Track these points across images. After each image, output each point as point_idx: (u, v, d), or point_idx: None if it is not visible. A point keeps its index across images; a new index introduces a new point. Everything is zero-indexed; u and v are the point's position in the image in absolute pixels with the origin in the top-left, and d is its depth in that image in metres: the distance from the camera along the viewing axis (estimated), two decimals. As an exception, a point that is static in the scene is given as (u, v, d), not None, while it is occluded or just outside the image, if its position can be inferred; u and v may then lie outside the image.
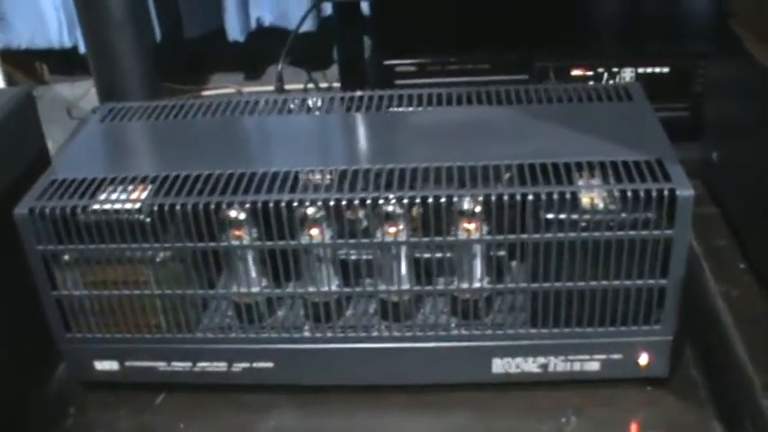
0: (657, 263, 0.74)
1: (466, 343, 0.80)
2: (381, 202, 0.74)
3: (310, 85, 1.62)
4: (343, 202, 0.74)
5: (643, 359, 0.79)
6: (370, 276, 0.81)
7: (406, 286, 0.79)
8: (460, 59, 1.20)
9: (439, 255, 0.80)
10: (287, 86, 1.54)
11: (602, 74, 1.19)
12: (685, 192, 0.70)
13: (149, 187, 0.78)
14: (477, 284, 0.78)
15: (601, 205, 0.72)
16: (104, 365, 0.86)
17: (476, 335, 0.79)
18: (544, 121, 0.83)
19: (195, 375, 0.84)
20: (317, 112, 0.91)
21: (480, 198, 0.73)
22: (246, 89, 1.74)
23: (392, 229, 0.77)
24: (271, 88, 1.52)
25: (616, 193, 0.72)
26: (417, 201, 0.73)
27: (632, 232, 0.72)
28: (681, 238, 0.72)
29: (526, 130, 0.82)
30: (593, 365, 0.79)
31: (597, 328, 0.77)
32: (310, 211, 0.76)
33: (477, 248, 0.78)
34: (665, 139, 0.78)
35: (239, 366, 0.84)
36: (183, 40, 1.74)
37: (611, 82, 1.15)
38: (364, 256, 0.82)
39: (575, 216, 0.72)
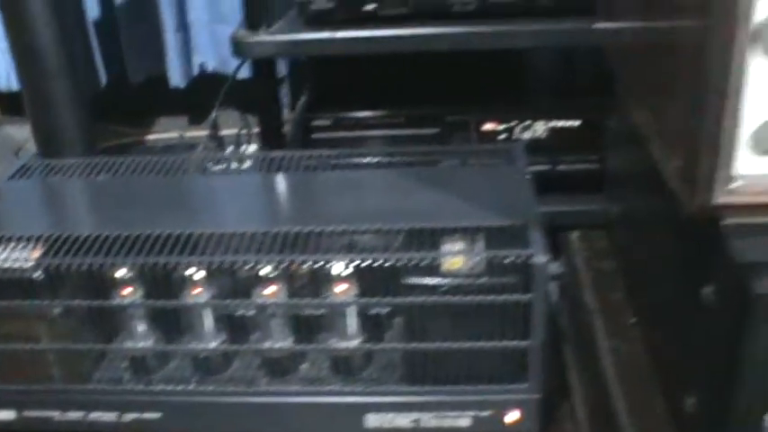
0: (519, 325, 0.77)
1: (342, 398, 0.83)
2: (259, 266, 0.77)
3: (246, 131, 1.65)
4: (224, 265, 0.77)
5: (512, 416, 0.82)
6: (254, 332, 0.84)
7: (283, 343, 0.82)
8: (375, 114, 1.23)
9: (319, 312, 0.83)
10: (224, 132, 1.57)
11: (513, 127, 1.22)
12: (541, 259, 0.74)
13: (42, 247, 0.81)
14: (350, 343, 0.81)
15: (463, 270, 0.75)
16: (1, 415, 0.88)
17: (351, 390, 0.82)
18: (422, 183, 0.87)
19: (88, 425, 0.87)
20: (225, 172, 0.94)
21: (349, 263, 0.76)
22: (188, 134, 1.77)
23: (270, 290, 0.80)
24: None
25: (477, 259, 0.75)
26: (290, 264, 0.77)
27: (492, 296, 0.75)
28: (538, 302, 0.75)
29: (403, 193, 0.86)
30: (464, 422, 0.83)
31: (467, 386, 0.80)
32: (190, 272, 0.79)
33: (353, 308, 0.81)
34: (533, 204, 0.82)
35: (129, 417, 0.87)
36: (127, 85, 1.77)
37: (520, 134, 1.19)
38: (249, 313, 0.85)
39: (437, 281, 0.75)
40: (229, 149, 1.59)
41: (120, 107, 1.80)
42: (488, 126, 1.23)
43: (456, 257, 0.76)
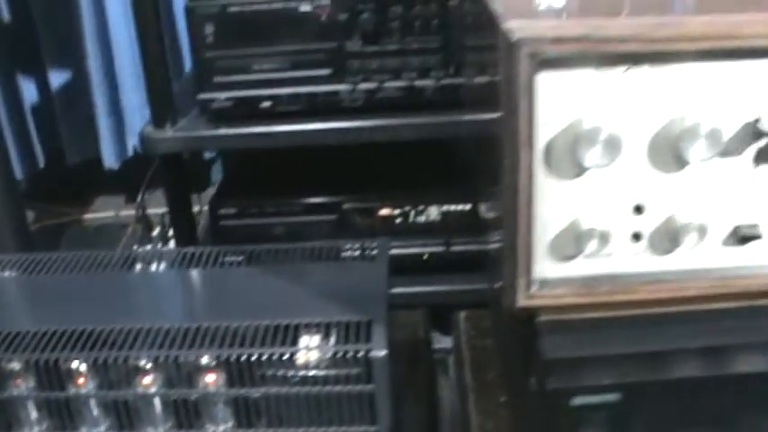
0: (366, 411, 0.85)
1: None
2: (132, 360, 0.86)
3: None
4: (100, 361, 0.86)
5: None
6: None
7: (160, 429, 0.90)
8: (276, 202, 1.32)
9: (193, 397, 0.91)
10: (155, 210, 1.66)
11: (409, 212, 1.31)
12: (380, 353, 0.82)
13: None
14: (218, 428, 0.89)
15: (315, 363, 0.83)
16: None
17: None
18: (288, 280, 0.95)
19: None
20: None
21: (215, 355, 0.85)
22: (123, 212, 1.86)
23: (146, 380, 0.88)
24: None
25: (328, 354, 0.83)
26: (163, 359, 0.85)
27: (339, 387, 0.83)
28: (380, 391, 0.83)
29: (268, 290, 0.94)
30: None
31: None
32: (75, 364, 0.88)
33: (221, 396, 0.89)
34: (383, 300, 0.90)
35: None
36: (65, 166, 1.86)
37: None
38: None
39: (290, 373, 0.83)
40: (156, 230, 1.69)
41: (58, 187, 1.87)
42: (384, 211, 1.32)
43: (309, 351, 0.84)
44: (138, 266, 1.02)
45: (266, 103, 1.22)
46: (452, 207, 1.30)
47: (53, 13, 1.76)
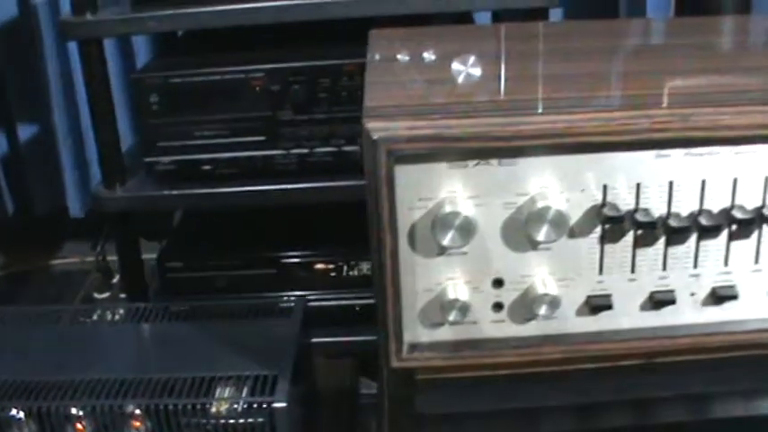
0: None
1: None
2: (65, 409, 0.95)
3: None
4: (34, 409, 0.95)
5: None
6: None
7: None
8: (220, 257, 1.42)
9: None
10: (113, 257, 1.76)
11: (342, 266, 1.41)
12: (281, 405, 0.91)
13: None
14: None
15: (226, 412, 0.93)
16: None
17: None
18: (212, 336, 1.05)
19: None
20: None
21: (138, 404, 0.94)
22: (89, 258, 1.96)
23: (79, 426, 0.97)
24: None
25: (236, 405, 0.93)
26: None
27: None
28: None
29: (193, 346, 1.04)
30: None
31: None
32: (13, 411, 0.97)
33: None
34: (291, 356, 1.00)
35: None
36: (33, 215, 1.96)
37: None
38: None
39: (204, 421, 0.93)
40: (116, 278, 1.78)
41: (26, 234, 1.97)
42: (320, 266, 1.42)
43: (221, 402, 0.93)
44: (89, 320, 1.12)
45: (207, 166, 1.31)
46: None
47: (22, 71, 1.86)
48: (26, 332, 1.10)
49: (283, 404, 0.91)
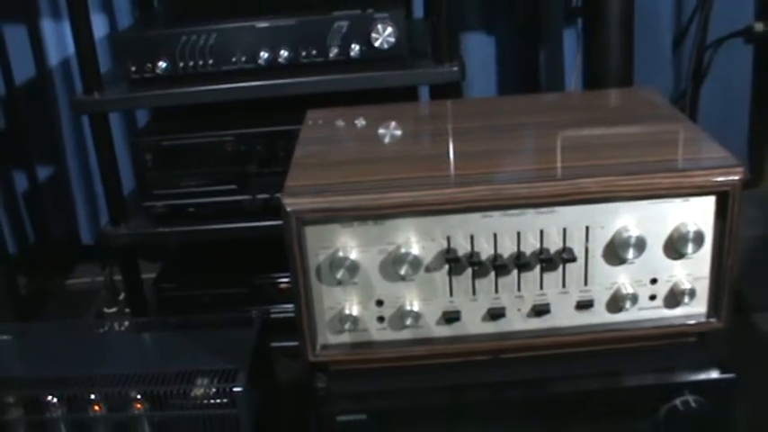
0: (235, 429, 1.32)
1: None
2: (87, 394, 1.33)
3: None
4: (65, 395, 1.33)
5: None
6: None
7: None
8: (204, 279, 1.80)
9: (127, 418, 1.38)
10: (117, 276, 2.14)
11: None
12: (238, 389, 1.29)
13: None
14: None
15: (202, 396, 1.31)
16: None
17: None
18: (195, 342, 1.42)
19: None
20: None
21: (140, 390, 1.32)
22: (99, 278, 2.35)
23: (96, 407, 1.36)
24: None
25: (211, 390, 1.31)
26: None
27: (218, 411, 1.31)
28: (242, 414, 1.31)
29: (182, 349, 1.40)
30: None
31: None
32: (49, 398, 1.35)
33: (144, 419, 1.36)
34: (249, 354, 1.37)
35: None
36: (51, 242, 2.35)
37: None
38: None
39: (189, 402, 1.30)
40: (122, 296, 2.16)
41: (44, 259, 2.37)
42: (283, 285, 1.80)
43: (199, 388, 1.31)
44: (101, 330, 1.49)
45: (191, 209, 1.69)
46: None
47: (40, 121, 2.22)
48: (53, 340, 1.47)
49: (241, 389, 1.28)
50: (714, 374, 1.16)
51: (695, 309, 1.16)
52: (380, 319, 1.14)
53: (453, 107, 1.46)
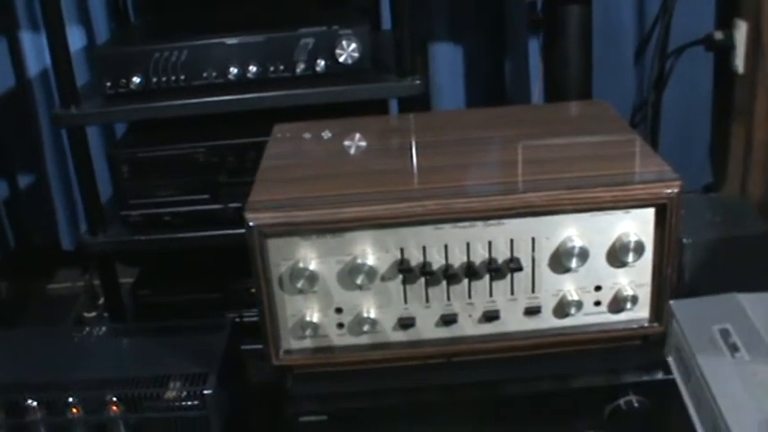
0: (205, 429, 1.39)
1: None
2: (65, 398, 1.40)
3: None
4: (45, 399, 1.40)
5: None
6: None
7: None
8: (179, 285, 1.87)
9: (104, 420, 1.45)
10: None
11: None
12: (208, 392, 1.37)
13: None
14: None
15: (175, 398, 1.38)
16: None
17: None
18: (169, 346, 1.49)
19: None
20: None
21: (116, 394, 1.39)
22: (79, 283, 2.41)
23: (74, 410, 1.43)
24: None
25: (183, 393, 1.38)
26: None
27: (190, 412, 1.38)
28: (212, 415, 1.37)
29: (156, 353, 1.47)
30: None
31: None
32: (29, 401, 1.42)
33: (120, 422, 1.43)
34: (219, 358, 1.44)
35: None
36: (31, 247, 2.41)
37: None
38: None
39: (162, 405, 1.37)
40: (101, 300, 2.23)
41: (25, 264, 2.43)
42: (254, 290, 1.86)
43: (172, 391, 1.38)
44: (80, 335, 1.56)
45: (167, 218, 1.76)
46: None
47: (20, 129, 2.28)
48: (33, 345, 1.54)
49: (211, 391, 1.35)
50: (658, 375, 1.22)
51: (638, 314, 1.22)
52: (340, 325, 1.21)
53: (416, 121, 1.52)
